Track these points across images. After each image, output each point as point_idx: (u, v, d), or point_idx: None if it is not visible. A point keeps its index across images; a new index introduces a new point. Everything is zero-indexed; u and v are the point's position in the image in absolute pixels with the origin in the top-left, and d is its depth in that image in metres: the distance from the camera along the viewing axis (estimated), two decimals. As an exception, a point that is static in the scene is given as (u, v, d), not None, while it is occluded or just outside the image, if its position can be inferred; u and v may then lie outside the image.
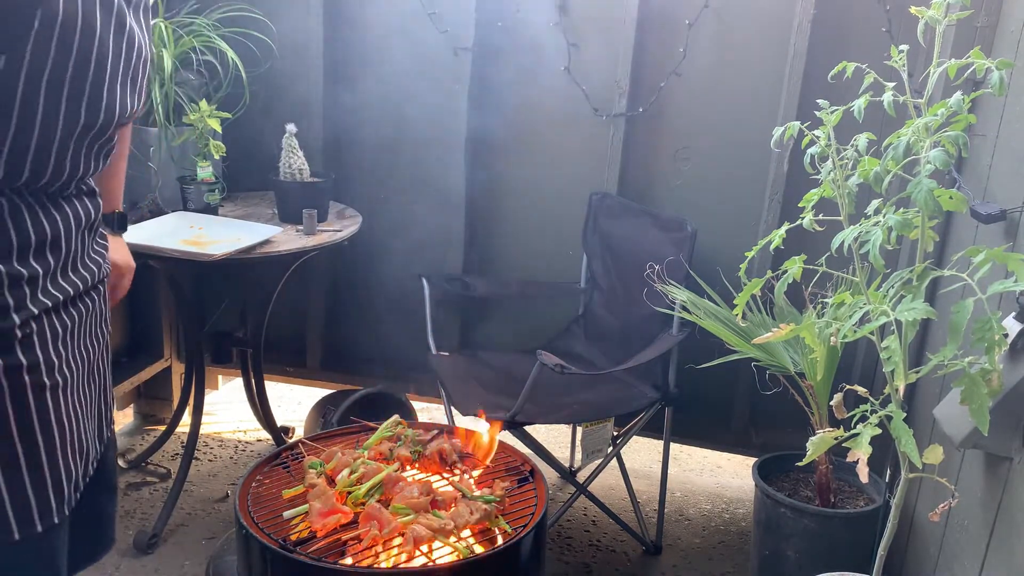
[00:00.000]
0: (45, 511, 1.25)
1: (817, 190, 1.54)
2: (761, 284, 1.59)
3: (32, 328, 1.20)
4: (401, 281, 2.88)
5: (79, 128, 1.20)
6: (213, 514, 2.58)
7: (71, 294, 1.28)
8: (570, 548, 2.54)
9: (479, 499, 1.40)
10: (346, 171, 2.88)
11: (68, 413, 1.28)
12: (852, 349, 2.56)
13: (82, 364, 1.33)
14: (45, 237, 1.22)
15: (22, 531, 1.23)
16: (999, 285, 1.25)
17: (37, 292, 1.21)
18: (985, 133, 1.96)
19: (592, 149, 2.68)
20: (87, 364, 1.35)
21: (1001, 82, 1.28)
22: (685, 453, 3.14)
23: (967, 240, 2.00)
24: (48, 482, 1.25)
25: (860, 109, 1.46)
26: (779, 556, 2.19)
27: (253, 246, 2.27)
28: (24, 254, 1.19)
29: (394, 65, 2.77)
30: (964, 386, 1.29)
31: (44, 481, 1.24)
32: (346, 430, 1.73)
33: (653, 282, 2.29)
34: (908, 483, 1.49)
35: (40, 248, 1.21)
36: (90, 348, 1.36)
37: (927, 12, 1.39)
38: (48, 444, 1.24)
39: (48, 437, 1.24)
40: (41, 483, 1.24)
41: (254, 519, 1.38)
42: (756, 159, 2.55)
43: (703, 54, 2.54)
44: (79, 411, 1.31)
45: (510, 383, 2.39)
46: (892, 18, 2.35)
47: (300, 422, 3.00)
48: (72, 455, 1.29)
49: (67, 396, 1.27)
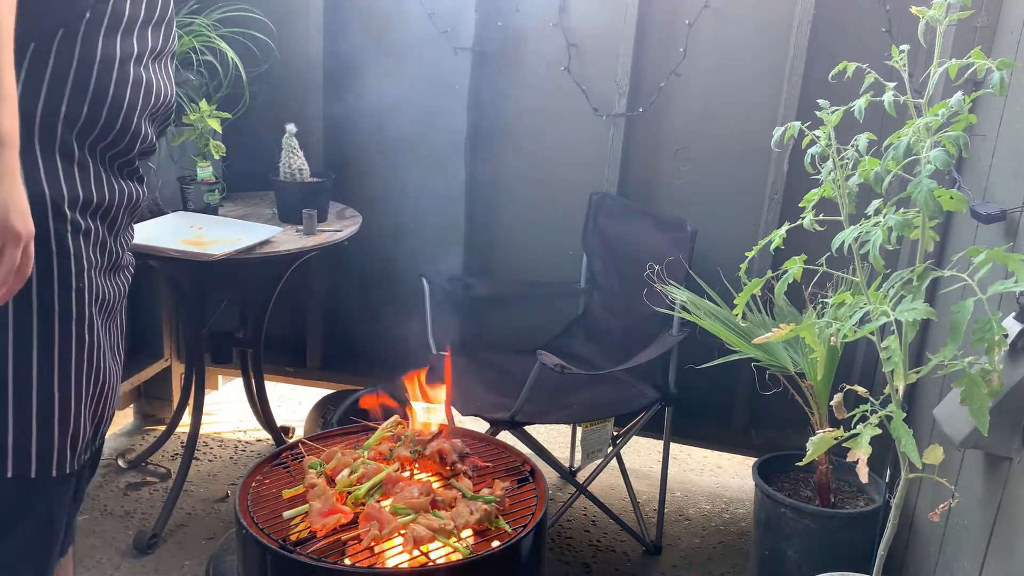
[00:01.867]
0: (61, 458, 1.28)
1: (817, 190, 1.54)
2: (761, 284, 1.59)
3: (84, 283, 1.27)
4: (401, 281, 2.88)
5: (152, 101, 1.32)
6: (213, 514, 2.58)
7: (107, 265, 1.34)
8: (570, 548, 2.54)
9: (479, 499, 1.40)
10: (346, 171, 2.88)
11: (98, 369, 1.32)
12: (852, 349, 2.56)
13: (109, 339, 1.37)
14: (103, 202, 1.29)
15: (40, 471, 1.26)
16: (999, 285, 1.25)
17: (91, 247, 1.28)
18: (985, 133, 1.95)
19: (592, 149, 2.68)
20: (111, 340, 1.38)
21: (1002, 82, 1.28)
22: (685, 453, 3.14)
23: (967, 240, 2.00)
24: (69, 429, 1.29)
25: (860, 109, 1.45)
26: (779, 556, 2.19)
27: (253, 246, 2.27)
28: (85, 210, 1.26)
29: (394, 65, 2.77)
30: (964, 386, 1.29)
31: (67, 427, 1.28)
32: (346, 430, 1.73)
33: (653, 282, 2.29)
34: (908, 483, 1.49)
35: (97, 210, 1.28)
36: (112, 331, 1.39)
37: (928, 12, 1.39)
38: (78, 390, 1.28)
39: (79, 383, 1.28)
40: (64, 428, 1.28)
41: (254, 519, 1.38)
42: (756, 159, 2.55)
43: (703, 54, 2.54)
44: (105, 374, 1.35)
45: (510, 383, 2.39)
46: (892, 18, 2.35)
47: (300, 422, 3.00)
48: (91, 414, 1.33)
49: (101, 355, 1.32)
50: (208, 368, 2.80)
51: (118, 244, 1.37)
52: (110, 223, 1.33)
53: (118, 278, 1.39)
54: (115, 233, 1.36)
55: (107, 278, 1.34)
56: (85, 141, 1.25)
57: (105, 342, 1.34)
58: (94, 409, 1.34)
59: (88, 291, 1.27)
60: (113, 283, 1.36)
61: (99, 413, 1.36)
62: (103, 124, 1.25)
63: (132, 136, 1.30)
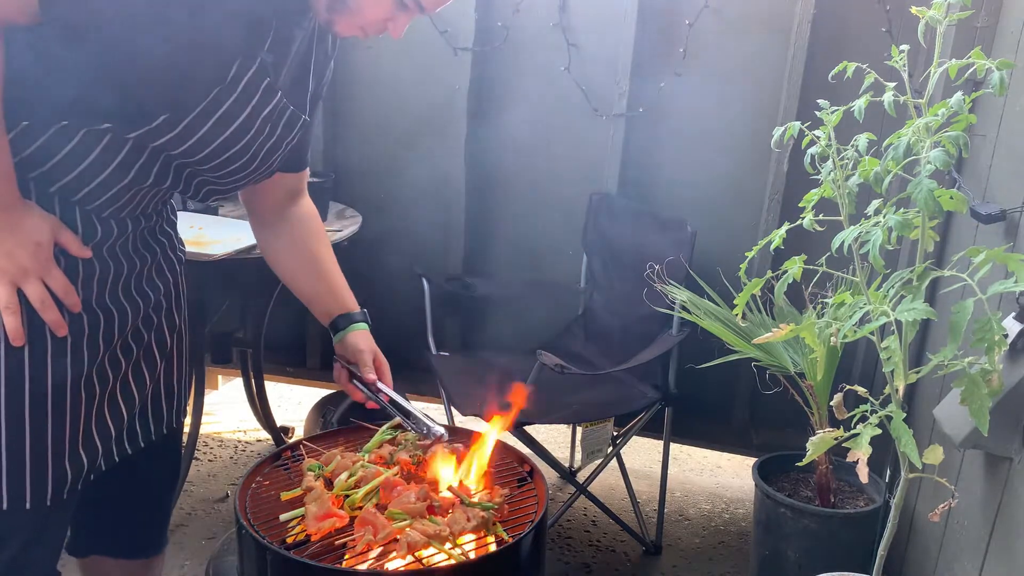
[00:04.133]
0: (39, 490, 1.22)
1: (817, 190, 1.54)
2: (761, 284, 1.58)
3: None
4: (401, 281, 2.88)
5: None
6: (213, 514, 2.58)
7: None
8: (570, 548, 2.54)
9: (477, 506, 1.39)
10: (346, 171, 2.88)
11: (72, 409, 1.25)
12: (852, 349, 2.56)
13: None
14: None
15: (11, 503, 1.20)
16: (999, 285, 1.25)
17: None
18: (985, 133, 1.95)
19: (592, 149, 2.68)
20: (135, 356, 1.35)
21: (1002, 82, 1.28)
22: (685, 453, 3.14)
23: (967, 240, 2.00)
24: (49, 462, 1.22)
25: (860, 109, 1.45)
26: (779, 556, 2.19)
27: (253, 246, 2.26)
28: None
29: (394, 65, 2.77)
30: (964, 386, 1.29)
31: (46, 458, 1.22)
32: (349, 430, 1.72)
33: (653, 282, 2.29)
34: (908, 483, 1.49)
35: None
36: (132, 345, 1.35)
37: (928, 12, 1.39)
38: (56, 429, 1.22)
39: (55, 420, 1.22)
40: (42, 459, 1.21)
41: (251, 520, 1.37)
42: (756, 159, 2.55)
43: (703, 54, 2.54)
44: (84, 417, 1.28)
45: (510, 383, 2.38)
46: (892, 18, 2.35)
47: (300, 422, 3.00)
48: (82, 446, 1.27)
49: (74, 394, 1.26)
50: (208, 368, 2.80)
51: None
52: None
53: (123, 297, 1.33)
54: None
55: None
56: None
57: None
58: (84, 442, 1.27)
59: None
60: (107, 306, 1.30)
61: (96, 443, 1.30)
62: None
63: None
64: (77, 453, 1.26)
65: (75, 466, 1.26)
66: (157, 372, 1.42)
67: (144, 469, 1.46)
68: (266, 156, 1.27)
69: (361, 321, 1.59)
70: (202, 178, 1.28)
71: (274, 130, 1.25)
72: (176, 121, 1.13)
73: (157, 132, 1.14)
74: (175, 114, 1.13)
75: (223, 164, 1.23)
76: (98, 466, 1.32)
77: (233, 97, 1.15)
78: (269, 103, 1.20)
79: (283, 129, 1.26)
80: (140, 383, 1.37)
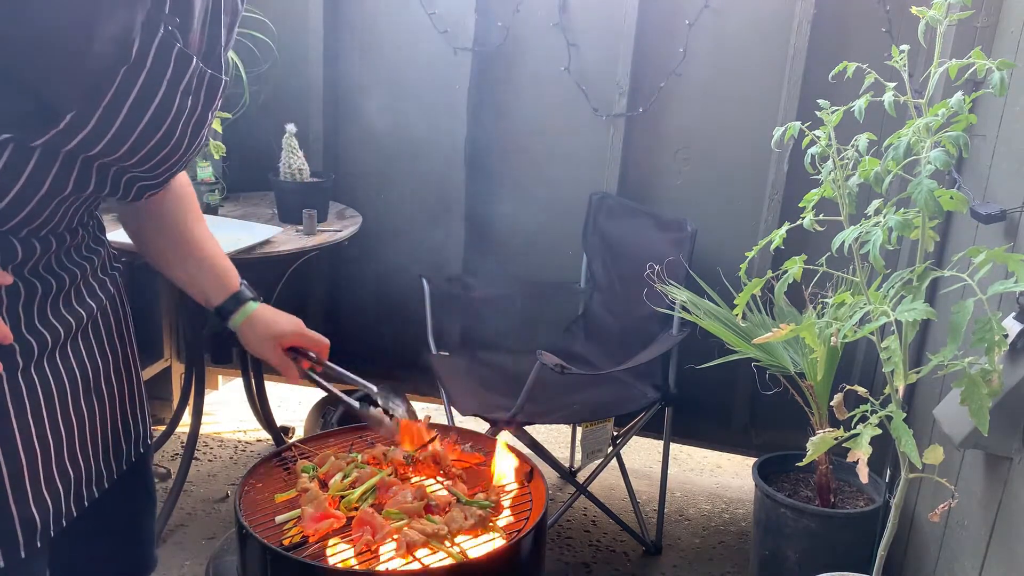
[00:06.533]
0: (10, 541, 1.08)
1: (817, 190, 1.54)
2: (761, 284, 1.59)
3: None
4: (401, 281, 2.88)
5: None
6: (213, 514, 2.58)
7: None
8: (570, 548, 2.54)
9: (474, 504, 1.39)
10: (346, 171, 2.88)
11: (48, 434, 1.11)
12: (852, 349, 2.56)
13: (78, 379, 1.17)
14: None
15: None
16: (999, 285, 1.25)
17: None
18: (985, 133, 1.95)
19: (592, 149, 2.68)
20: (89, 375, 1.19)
21: (1002, 82, 1.28)
22: (685, 453, 3.14)
23: (967, 240, 2.00)
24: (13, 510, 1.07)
25: (861, 109, 1.45)
26: (779, 556, 2.19)
27: (253, 246, 2.27)
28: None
29: (394, 65, 2.77)
30: (964, 386, 1.29)
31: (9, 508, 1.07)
32: (340, 432, 1.72)
33: (653, 282, 2.29)
34: (908, 483, 1.49)
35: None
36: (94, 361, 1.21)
37: (928, 12, 1.39)
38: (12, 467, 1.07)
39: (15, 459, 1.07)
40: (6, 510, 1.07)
41: (249, 521, 1.37)
42: (756, 159, 2.55)
43: (703, 54, 2.54)
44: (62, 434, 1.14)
45: (510, 383, 2.39)
46: (892, 18, 2.35)
47: (300, 422, 3.00)
48: (48, 485, 1.12)
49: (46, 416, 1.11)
50: (208, 368, 2.80)
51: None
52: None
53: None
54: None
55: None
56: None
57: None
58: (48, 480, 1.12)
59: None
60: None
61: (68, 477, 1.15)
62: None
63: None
64: (41, 495, 1.11)
65: (41, 511, 1.11)
66: (107, 412, 1.25)
67: (117, 502, 1.31)
68: (194, 133, 1.11)
69: (253, 299, 1.41)
70: (130, 175, 1.11)
71: (196, 101, 1.08)
72: (86, 116, 0.97)
73: (67, 134, 0.97)
74: (82, 108, 0.96)
75: (150, 154, 1.07)
76: (67, 513, 1.17)
77: (143, 75, 0.98)
78: (185, 72, 1.03)
79: (205, 98, 1.09)
80: (92, 424, 1.21)
